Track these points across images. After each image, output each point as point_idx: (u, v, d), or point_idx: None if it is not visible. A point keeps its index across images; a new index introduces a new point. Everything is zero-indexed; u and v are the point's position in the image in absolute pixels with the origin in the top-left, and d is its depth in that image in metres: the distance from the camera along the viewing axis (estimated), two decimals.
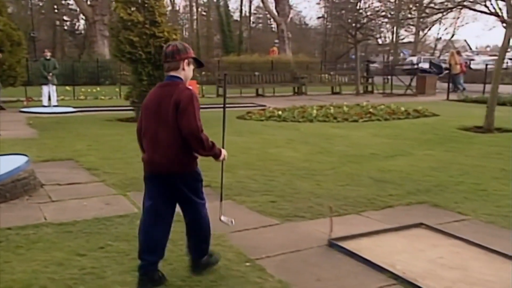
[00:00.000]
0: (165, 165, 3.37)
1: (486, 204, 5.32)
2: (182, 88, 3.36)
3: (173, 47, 3.47)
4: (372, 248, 4.13)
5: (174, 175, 3.40)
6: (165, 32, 11.78)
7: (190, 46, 3.69)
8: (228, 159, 6.53)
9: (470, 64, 33.17)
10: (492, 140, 9.46)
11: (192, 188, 3.54)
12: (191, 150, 3.40)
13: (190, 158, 3.47)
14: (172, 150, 3.35)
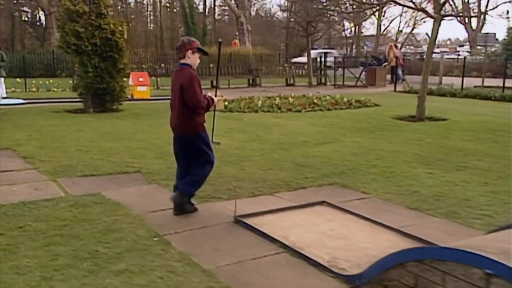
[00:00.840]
0: (178, 129, 4.73)
1: (389, 184, 5.84)
2: (186, 72, 4.56)
3: (180, 41, 4.71)
4: (272, 223, 4.57)
5: (183, 136, 4.71)
6: (111, 24, 11.95)
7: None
8: (164, 148, 7.02)
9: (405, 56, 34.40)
10: (418, 128, 10.08)
11: (197, 146, 4.70)
12: (196, 118, 4.62)
13: (195, 124, 4.64)
14: (181, 118, 4.63)
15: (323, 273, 3.58)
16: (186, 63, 4.61)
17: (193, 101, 4.53)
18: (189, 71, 4.56)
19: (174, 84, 4.68)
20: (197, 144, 4.69)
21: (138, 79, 16.79)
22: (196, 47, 4.62)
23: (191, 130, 4.65)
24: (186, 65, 4.61)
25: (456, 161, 7.01)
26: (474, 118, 11.43)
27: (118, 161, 6.99)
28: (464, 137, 8.94)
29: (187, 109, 4.58)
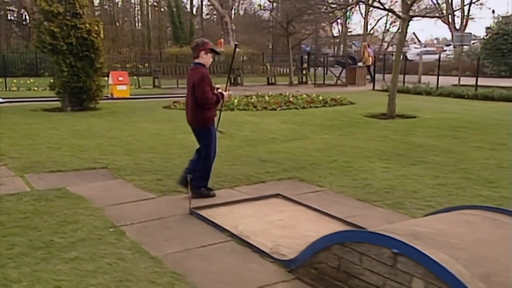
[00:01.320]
0: (190, 122, 5.28)
1: (344, 178, 6.09)
2: (198, 71, 5.03)
3: (194, 43, 5.22)
4: (225, 214, 4.79)
5: (195, 129, 5.28)
6: (87, 24, 12.08)
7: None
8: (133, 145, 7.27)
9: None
10: (387, 125, 10.37)
11: (203, 138, 5.27)
12: (205, 113, 5.11)
13: (204, 118, 5.14)
14: (192, 112, 5.18)
15: (264, 258, 3.81)
16: (200, 63, 5.08)
17: (202, 98, 4.99)
18: (201, 70, 5.03)
19: (188, 82, 5.18)
20: (204, 137, 5.25)
21: (118, 78, 16.93)
22: (209, 48, 5.08)
23: (201, 123, 5.19)
24: (200, 64, 5.07)
25: (414, 156, 7.29)
26: (443, 115, 11.75)
27: (87, 157, 7.17)
28: (428, 133, 9.24)
29: (197, 105, 5.07)
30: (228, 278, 3.48)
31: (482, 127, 9.86)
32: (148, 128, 9.88)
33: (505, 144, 8.06)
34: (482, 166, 6.63)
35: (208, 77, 5.06)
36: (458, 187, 5.67)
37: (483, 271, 2.58)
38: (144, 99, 16.26)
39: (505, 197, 5.25)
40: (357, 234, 3.13)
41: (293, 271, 3.55)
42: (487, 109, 13.06)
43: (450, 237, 2.90)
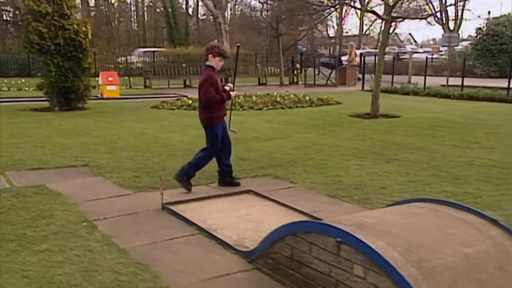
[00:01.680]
0: (200, 120, 5.62)
1: (318, 175, 6.26)
2: (204, 73, 5.44)
3: (206, 46, 5.61)
4: (196, 209, 4.96)
5: (203, 127, 5.64)
6: (75, 25, 12.22)
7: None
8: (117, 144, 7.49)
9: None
10: (369, 124, 10.55)
11: (208, 136, 5.61)
12: (210, 112, 5.49)
13: (208, 117, 5.51)
14: (201, 111, 5.59)
15: (227, 250, 3.98)
16: (209, 65, 5.43)
17: (205, 97, 5.37)
18: (207, 72, 5.41)
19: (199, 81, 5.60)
20: (208, 135, 5.58)
21: (108, 78, 17.07)
22: (216, 52, 5.38)
23: (206, 122, 5.56)
24: (209, 66, 5.43)
25: (388, 154, 7.47)
26: (426, 115, 11.94)
27: (69, 155, 7.32)
28: (407, 132, 9.43)
29: (204, 104, 5.49)
30: (190, 268, 3.64)
31: (461, 126, 10.06)
32: (133, 127, 10.03)
33: (479, 143, 8.25)
34: (454, 163, 6.82)
35: (212, 78, 5.37)
36: (425, 183, 5.85)
37: (417, 257, 2.76)
38: (133, 99, 16.42)
39: (468, 193, 5.43)
40: (306, 224, 3.30)
41: (252, 262, 3.72)
42: (470, 109, 13.26)
43: (392, 226, 3.08)
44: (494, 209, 4.86)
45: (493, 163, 6.80)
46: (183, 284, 3.40)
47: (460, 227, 3.13)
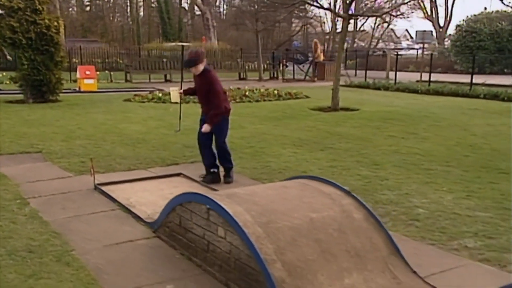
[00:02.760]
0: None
1: (250, 161, 6.77)
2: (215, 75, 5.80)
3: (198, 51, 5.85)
4: (125, 189, 5.46)
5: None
6: (46, 20, 12.66)
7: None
8: (75, 133, 7.92)
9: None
10: (324, 117, 11.05)
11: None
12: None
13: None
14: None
15: (139, 223, 4.49)
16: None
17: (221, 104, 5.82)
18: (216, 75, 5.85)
19: None
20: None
21: (85, 72, 17.48)
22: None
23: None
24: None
25: (326, 143, 7.98)
26: (383, 108, 12.45)
27: (26, 143, 7.80)
28: (355, 124, 9.94)
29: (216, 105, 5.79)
30: (99, 236, 4.15)
31: (410, 119, 10.58)
32: (97, 118, 10.51)
33: (417, 134, 8.77)
34: (381, 151, 7.34)
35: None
36: (345, 168, 6.37)
37: (266, 219, 3.27)
38: (110, 93, 16.84)
39: (378, 176, 5.95)
40: (188, 195, 3.80)
41: (155, 231, 4.22)
42: (430, 103, 13.78)
43: (257, 196, 3.59)
44: (392, 190, 5.39)
45: (418, 151, 7.33)
46: (87, 248, 3.90)
47: (317, 197, 3.65)
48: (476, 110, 12.18)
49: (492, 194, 5.23)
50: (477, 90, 15.57)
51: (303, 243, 3.21)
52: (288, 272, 3.05)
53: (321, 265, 3.16)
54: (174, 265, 3.64)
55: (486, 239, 4.04)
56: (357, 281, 3.18)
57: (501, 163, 6.57)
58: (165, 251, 3.91)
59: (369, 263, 3.30)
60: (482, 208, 4.79)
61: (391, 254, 3.42)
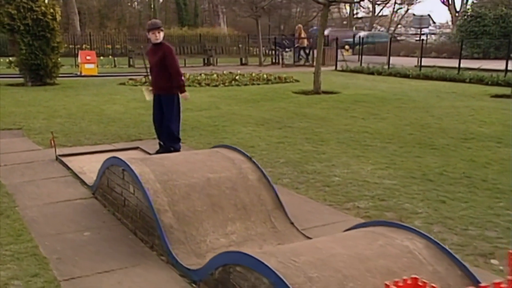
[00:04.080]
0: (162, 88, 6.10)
1: (207, 138, 7.35)
2: (167, 46, 6.00)
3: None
4: (82, 160, 6.09)
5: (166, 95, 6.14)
6: (42, 7, 13.33)
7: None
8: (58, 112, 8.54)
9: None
10: (300, 100, 11.54)
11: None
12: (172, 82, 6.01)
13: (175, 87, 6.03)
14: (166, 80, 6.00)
15: (83, 186, 5.11)
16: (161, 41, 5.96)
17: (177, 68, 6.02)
18: (168, 45, 6.05)
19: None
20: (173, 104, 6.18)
21: (86, 57, 18.19)
22: (147, 29, 5.96)
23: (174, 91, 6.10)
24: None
25: (287, 122, 8.51)
26: (363, 91, 12.87)
27: (9, 121, 8.49)
28: (326, 106, 10.43)
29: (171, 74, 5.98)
30: (43, 196, 4.78)
31: (381, 101, 11.02)
32: (83, 99, 11.18)
33: (378, 115, 9.24)
34: (334, 130, 7.85)
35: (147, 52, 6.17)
36: (291, 144, 6.91)
37: (167, 178, 3.86)
38: (109, 77, 17.51)
39: (317, 151, 6.48)
40: (112, 160, 4.40)
41: (94, 193, 4.85)
42: (413, 87, 14.14)
43: (166, 160, 4.18)
44: (322, 162, 5.93)
45: (368, 130, 7.82)
46: (28, 205, 4.54)
47: (220, 161, 4.22)
48: (452, 93, 12.53)
49: (410, 165, 5.73)
50: (464, 75, 15.85)
51: (195, 197, 3.80)
52: (177, 219, 3.64)
53: (208, 215, 3.74)
54: (98, 218, 4.26)
55: (378, 201, 4.57)
56: (239, 229, 3.76)
57: (438, 140, 7.04)
58: (95, 208, 4.53)
59: (253, 215, 3.88)
60: (392, 177, 5.31)
61: (275, 208, 3.98)
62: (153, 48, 5.95)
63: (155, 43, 5.89)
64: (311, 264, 2.54)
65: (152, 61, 6.02)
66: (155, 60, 5.94)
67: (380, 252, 2.67)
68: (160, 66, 5.91)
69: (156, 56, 5.91)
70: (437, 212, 4.28)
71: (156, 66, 5.96)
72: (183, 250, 3.48)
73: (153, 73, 6.11)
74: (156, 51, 5.91)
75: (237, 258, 2.72)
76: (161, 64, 5.88)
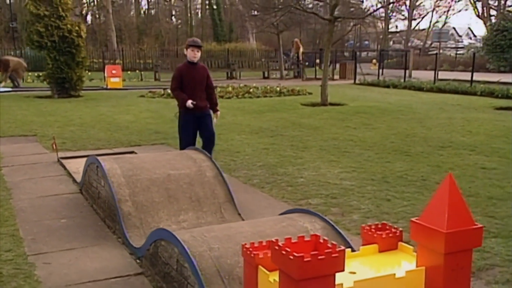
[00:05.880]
0: None
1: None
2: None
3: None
4: (80, 162, 6.69)
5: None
6: (68, 25, 14.34)
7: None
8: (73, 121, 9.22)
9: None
10: (305, 111, 12.01)
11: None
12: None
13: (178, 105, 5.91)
14: None
15: (74, 184, 5.76)
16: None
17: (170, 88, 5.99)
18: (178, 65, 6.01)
19: None
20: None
21: (112, 71, 19.21)
22: (187, 44, 5.69)
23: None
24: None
25: (280, 131, 9.01)
26: (369, 104, 13.24)
27: (27, 128, 9.31)
28: (326, 116, 10.87)
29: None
30: (37, 191, 5.44)
31: (381, 112, 11.38)
32: (100, 110, 11.99)
33: (371, 125, 9.62)
34: (322, 138, 8.29)
35: (178, 71, 5.78)
36: (275, 150, 7.40)
37: (132, 173, 4.44)
38: (133, 90, 18.43)
39: (295, 156, 6.95)
40: (91, 158, 5.03)
41: (81, 189, 5.48)
42: (422, 99, 14.39)
43: (136, 159, 4.77)
44: (295, 165, 6.40)
45: (354, 138, 8.24)
46: (22, 198, 5.20)
47: (183, 161, 4.78)
48: (457, 105, 12.75)
49: (376, 170, 6.14)
50: (476, 88, 15.97)
51: (155, 190, 4.36)
52: (136, 208, 4.21)
53: (164, 206, 4.30)
54: (77, 209, 4.88)
55: (330, 199, 5.02)
56: (190, 218, 4.29)
57: (415, 148, 7.39)
58: (78, 201, 5.15)
59: (205, 206, 4.41)
60: (353, 179, 5.74)
61: (226, 201, 4.50)
62: (190, 66, 5.72)
63: (191, 61, 5.70)
64: (217, 238, 3.05)
65: (193, 75, 5.74)
66: (198, 79, 5.77)
67: (280, 231, 3.15)
68: (203, 85, 5.82)
69: (197, 75, 5.75)
70: (378, 208, 4.70)
71: (200, 85, 5.79)
72: (137, 233, 4.04)
73: (192, 91, 5.73)
74: (194, 69, 5.74)
75: (162, 234, 3.26)
76: (203, 83, 5.82)
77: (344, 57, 38.87)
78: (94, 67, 31.86)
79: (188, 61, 5.72)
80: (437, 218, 2.01)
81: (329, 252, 1.87)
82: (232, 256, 2.88)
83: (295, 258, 1.83)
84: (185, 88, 5.74)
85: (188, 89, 5.73)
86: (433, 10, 51.10)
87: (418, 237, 2.13)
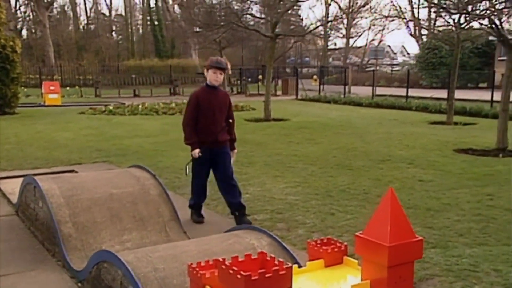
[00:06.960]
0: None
1: (144, 161, 7.75)
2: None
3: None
4: (16, 182, 6.41)
5: None
6: (2, 40, 13.77)
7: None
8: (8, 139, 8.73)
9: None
10: (249, 126, 12.10)
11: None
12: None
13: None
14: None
15: (9, 205, 5.49)
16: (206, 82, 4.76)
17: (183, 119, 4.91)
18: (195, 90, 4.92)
19: None
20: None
21: (49, 87, 18.59)
22: (209, 64, 4.69)
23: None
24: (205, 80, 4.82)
25: None
26: (311, 119, 13.51)
27: None
28: (269, 132, 11.00)
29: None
30: None
31: (322, 127, 11.65)
32: (37, 128, 11.54)
33: (313, 140, 9.82)
34: (266, 154, 8.36)
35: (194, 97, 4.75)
36: None
37: (72, 193, 4.28)
38: (72, 107, 17.91)
39: (240, 171, 6.96)
40: (28, 178, 4.83)
41: (17, 210, 5.23)
42: (361, 114, 14.86)
43: (76, 178, 4.62)
44: (241, 181, 6.38)
45: (297, 153, 8.37)
46: None
47: (126, 179, 4.67)
48: (394, 120, 13.26)
49: (320, 184, 6.25)
50: (411, 103, 16.69)
51: (96, 210, 4.23)
52: (76, 229, 4.06)
53: (106, 226, 4.17)
54: (12, 232, 4.64)
55: (275, 214, 5.06)
56: (135, 237, 4.19)
57: (356, 162, 7.60)
58: (14, 223, 4.91)
59: (150, 225, 4.32)
60: (298, 193, 5.81)
61: (171, 220, 4.43)
62: (209, 90, 4.74)
63: (211, 85, 4.72)
64: (162, 258, 2.99)
65: (210, 107, 4.70)
66: (218, 107, 4.74)
67: (226, 249, 3.13)
68: (223, 115, 4.81)
69: (218, 102, 4.74)
70: (322, 223, 4.77)
71: (221, 113, 4.77)
72: (78, 255, 3.89)
73: (210, 121, 4.74)
74: (214, 95, 4.74)
75: (104, 256, 3.16)
76: (224, 112, 4.81)
77: (286, 73, 39.60)
78: (31, 83, 30.84)
79: (208, 84, 4.73)
80: (380, 232, 2.07)
81: (276, 270, 1.88)
82: (178, 276, 2.84)
83: (242, 277, 1.83)
84: (201, 118, 4.70)
85: (206, 118, 4.70)
86: (369, 28, 53.01)
87: (362, 251, 2.18)
